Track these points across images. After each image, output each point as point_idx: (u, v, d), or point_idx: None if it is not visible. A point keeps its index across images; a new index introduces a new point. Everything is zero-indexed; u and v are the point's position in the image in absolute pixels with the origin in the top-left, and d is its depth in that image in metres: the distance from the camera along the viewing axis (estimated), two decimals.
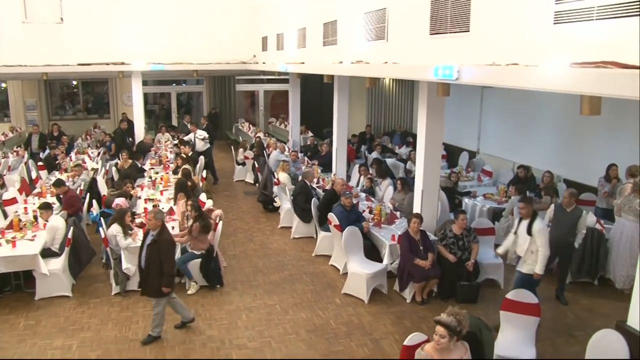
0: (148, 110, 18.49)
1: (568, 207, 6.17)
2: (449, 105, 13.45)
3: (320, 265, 7.30)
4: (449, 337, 3.53)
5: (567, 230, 6.13)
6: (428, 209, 6.95)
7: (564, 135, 9.74)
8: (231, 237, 8.43)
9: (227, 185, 12.11)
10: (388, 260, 6.52)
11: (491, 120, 12.09)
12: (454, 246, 6.30)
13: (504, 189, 8.84)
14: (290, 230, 8.59)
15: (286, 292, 6.45)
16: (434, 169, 6.93)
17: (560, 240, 6.14)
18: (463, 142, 13.06)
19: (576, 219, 6.13)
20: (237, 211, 9.94)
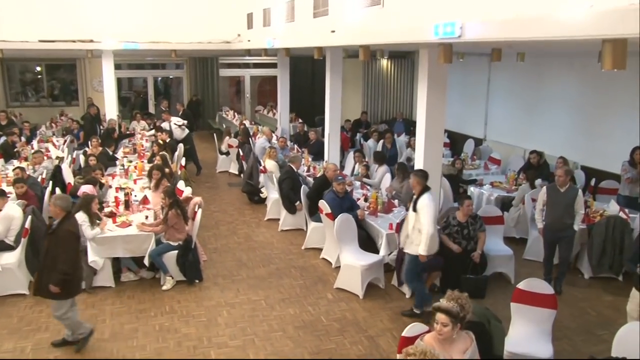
0: (122, 98, 18.26)
1: (562, 187, 6.09)
2: (452, 90, 13.69)
3: (310, 258, 7.25)
4: (452, 325, 3.40)
5: (563, 212, 6.07)
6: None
7: (580, 116, 9.67)
8: (212, 229, 8.36)
9: (209, 176, 12.03)
10: (385, 252, 6.43)
11: (499, 104, 12.04)
12: (458, 235, 6.19)
13: (513, 175, 8.78)
14: (278, 222, 8.53)
15: (272, 287, 6.37)
16: (435, 150, 6.84)
17: (557, 224, 6.10)
18: (468, 129, 13.01)
19: (572, 199, 6.06)
20: (219, 203, 9.88)
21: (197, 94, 17.55)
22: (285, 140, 11.20)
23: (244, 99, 19.32)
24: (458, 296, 3.50)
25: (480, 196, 8.47)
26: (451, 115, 13.41)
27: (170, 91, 19.20)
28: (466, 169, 9.87)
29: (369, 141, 12.02)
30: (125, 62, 17.22)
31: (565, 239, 6.15)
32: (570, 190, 6.09)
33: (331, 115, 10.20)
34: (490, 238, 6.56)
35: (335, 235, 6.32)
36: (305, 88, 18.21)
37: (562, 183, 6.09)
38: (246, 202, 9.90)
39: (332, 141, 10.30)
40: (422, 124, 6.75)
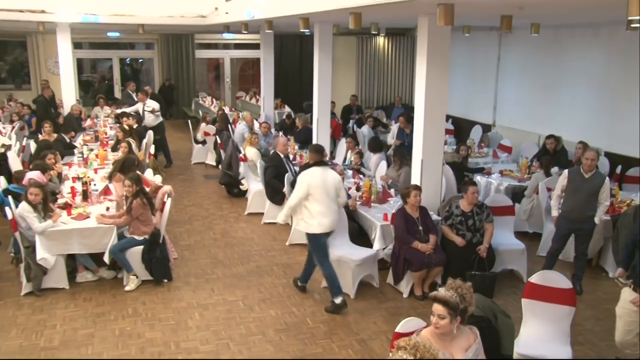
0: (83, 82, 18.04)
1: (587, 172, 5.99)
2: (457, 70, 13.70)
3: (295, 255, 7.21)
4: (450, 318, 3.31)
5: (585, 201, 5.98)
6: (430, 183, 6.82)
7: (604, 96, 9.62)
8: (185, 225, 8.33)
9: (184, 168, 12.00)
10: (379, 245, 6.38)
11: (510, 85, 12.01)
12: (462, 226, 6.14)
13: (526, 163, 8.76)
14: (259, 217, 8.53)
15: (252, 286, 6.32)
16: (436, 135, 6.81)
17: (576, 214, 6.02)
18: (475, 115, 13.00)
19: (597, 187, 5.95)
20: (194, 196, 9.86)
21: (170, 78, 17.41)
22: (268, 126, 11.11)
23: (224, 84, 19.24)
24: (459, 285, 3.41)
25: (488, 186, 8.44)
26: (456, 100, 13.44)
27: (140, 76, 19.03)
28: (472, 157, 9.83)
29: (362, 128, 11.97)
30: (86, 40, 16.96)
31: (583, 231, 6.08)
32: (596, 176, 5.99)
33: (320, 99, 10.17)
34: (499, 230, 6.52)
35: None
36: (292, 72, 18.16)
37: (588, 168, 5.97)
38: (224, 195, 9.85)
39: (321, 128, 10.27)
40: (421, 105, 6.73)
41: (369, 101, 16.82)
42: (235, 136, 11.05)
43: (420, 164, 6.78)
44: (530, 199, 7.74)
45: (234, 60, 19.20)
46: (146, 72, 18.88)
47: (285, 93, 17.54)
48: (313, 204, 5.69)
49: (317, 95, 10.16)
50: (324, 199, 5.71)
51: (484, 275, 5.95)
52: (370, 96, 16.95)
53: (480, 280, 5.91)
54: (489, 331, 3.87)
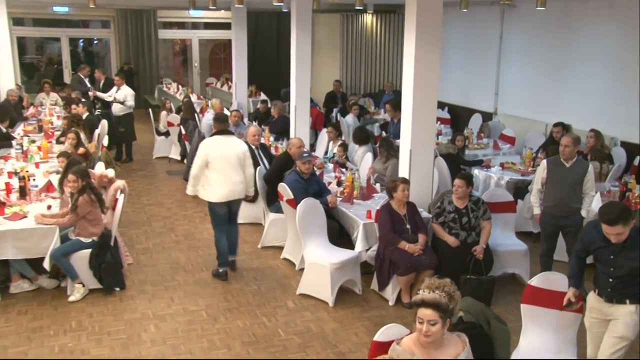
0: (26, 65, 17.75)
1: (568, 161, 6.04)
2: (453, 52, 13.73)
3: (268, 258, 7.24)
4: (442, 322, 3.29)
5: (568, 193, 6.02)
6: (419, 177, 6.83)
7: (621, 78, 9.62)
8: (143, 226, 8.31)
9: (144, 163, 11.94)
10: (362, 247, 6.37)
11: (514, 67, 12.06)
12: (455, 224, 6.14)
13: (530, 154, 8.80)
14: None
15: (217, 294, 6.30)
16: (426, 118, 6.81)
17: (561, 208, 6.05)
18: (474, 102, 13.05)
19: (580, 176, 6.00)
20: (155, 194, 9.83)
21: (130, 61, 17.25)
22: (240, 115, 11.04)
23: (192, 69, 19.15)
24: (441, 283, 3.40)
25: (487, 180, 8.46)
26: (453, 86, 13.49)
27: (95, 59, 18.82)
28: (470, 149, 9.87)
29: (347, 117, 11.97)
30: (28, 15, 16.61)
31: (570, 228, 6.07)
32: (578, 164, 6.05)
33: (298, 84, 10.17)
34: (498, 229, 6.55)
35: (298, 225, 6.21)
36: (269, 54, 18.14)
37: (567, 155, 6.01)
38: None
39: (299, 116, 10.27)
40: (409, 89, 6.73)
41: (354, 87, 16.81)
42: (203, 126, 11.00)
43: (409, 155, 6.78)
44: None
45: (203, 42, 19.11)
46: (102, 51, 18.66)
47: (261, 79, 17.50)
48: (211, 173, 6.34)
49: (294, 79, 10.15)
50: (222, 169, 6.34)
51: (480, 279, 5.96)
52: (356, 82, 16.93)
53: (476, 285, 5.94)
54: (481, 338, 3.87)
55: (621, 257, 4.15)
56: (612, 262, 4.20)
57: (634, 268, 4.12)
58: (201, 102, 14.16)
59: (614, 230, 4.05)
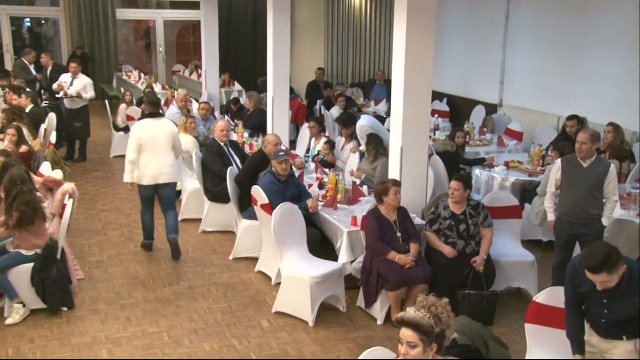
0: None
1: (585, 160, 6.04)
2: (453, 35, 13.75)
3: (240, 271, 7.26)
4: (423, 346, 3.31)
5: (586, 196, 6.01)
6: (411, 178, 6.88)
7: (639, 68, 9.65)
8: (98, 235, 8.32)
9: (99, 163, 11.93)
10: (347, 258, 6.40)
11: (522, 52, 12.12)
12: (451, 232, 6.19)
13: (539, 152, 8.87)
14: (196, 223, 8.56)
15: (182, 313, 6.31)
16: (420, 111, 6.84)
17: (577, 214, 6.06)
18: (477, 92, 13.13)
19: (600, 178, 6.00)
20: (112, 198, 9.85)
21: (83, 45, 17.17)
22: (208, 107, 11.03)
23: (157, 54, 19.11)
24: (432, 303, 3.42)
25: (489, 182, 8.54)
26: (452, 73, 13.58)
27: (42, 41, 18.69)
28: (471, 146, 9.94)
29: (332, 110, 12.02)
30: None
31: (588, 237, 6.04)
32: (597, 164, 6.04)
33: (276, 72, 10.23)
34: (501, 237, 6.59)
35: (273, 233, 6.22)
36: (244, 38, 18.15)
37: (584, 154, 6.00)
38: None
39: (277, 109, 10.33)
40: (399, 78, 6.77)
41: (341, 76, 16.87)
42: None
43: (400, 153, 6.81)
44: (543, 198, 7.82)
45: (169, 23, 19.08)
46: (50, 33, 18.51)
47: (235, 66, 17.54)
48: (142, 155, 7.18)
49: (271, 67, 10.19)
50: (152, 151, 7.20)
51: (481, 295, 6.01)
52: (343, 70, 16.98)
53: (476, 301, 6.00)
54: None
55: (616, 301, 4.11)
56: (606, 306, 4.17)
57: (631, 313, 4.08)
58: (166, 92, 14.14)
59: (598, 278, 4.00)
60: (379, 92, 14.38)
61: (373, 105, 13.78)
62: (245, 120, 11.32)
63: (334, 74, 16.70)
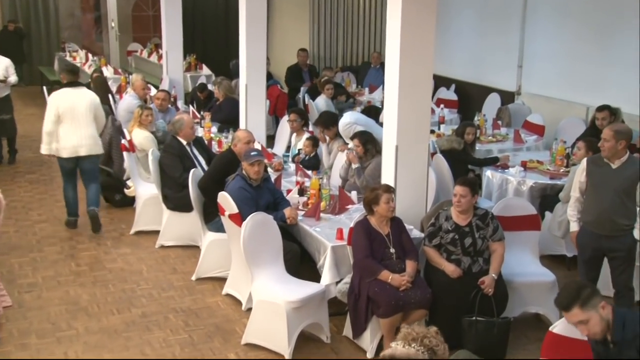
0: None
1: (613, 160, 6.06)
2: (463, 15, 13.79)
3: (205, 295, 7.27)
4: None
5: (614, 204, 6.03)
6: (409, 182, 6.92)
7: None
8: (31, 252, 8.30)
9: (36, 163, 11.90)
10: (331, 278, 6.40)
11: (543, 32, 12.18)
12: (455, 248, 6.22)
13: (563, 149, 8.92)
14: (153, 237, 8.58)
15: (132, 346, 6.31)
16: (419, 100, 6.85)
17: (604, 225, 6.10)
18: (491, 78, 13.20)
19: (630, 182, 6.00)
20: (50, 207, 9.85)
21: (17, 19, 17.14)
22: (166, 97, 10.99)
23: (108, 31, 19.07)
24: (421, 333, 3.42)
25: (503, 185, 8.58)
26: (462, 56, 13.67)
27: None
28: (482, 143, 10.00)
29: (318, 99, 12.07)
30: None
31: (617, 252, 6.12)
32: (627, 165, 6.05)
33: (250, 54, 10.24)
34: (515, 253, 6.63)
35: (243, 250, 6.24)
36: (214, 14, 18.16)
37: (608, 153, 6.01)
38: (100, 203, 9.59)
39: (252, 99, 10.34)
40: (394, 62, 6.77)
41: (329, 59, 16.91)
42: (119, 112, 11.04)
43: (395, 153, 6.84)
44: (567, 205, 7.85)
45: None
46: None
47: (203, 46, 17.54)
48: (61, 127, 8.02)
49: (244, 49, 10.19)
50: (71, 122, 8.05)
51: (490, 322, 6.05)
52: (331, 52, 17.04)
53: (485, 330, 6.04)
54: None
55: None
56: None
57: None
58: (119, 77, 14.13)
59: (572, 318, 4.12)
60: (375, 78, 14.43)
61: (367, 94, 13.84)
62: (214, 112, 11.35)
63: (321, 56, 16.78)
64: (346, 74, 15.14)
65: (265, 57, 10.61)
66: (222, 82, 11.96)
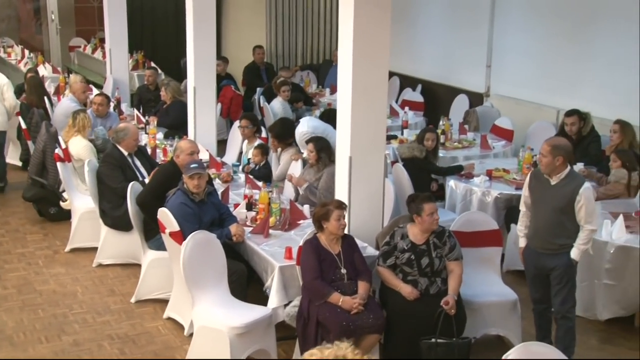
0: None
1: (552, 176, 6.08)
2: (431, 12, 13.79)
3: (145, 319, 7.22)
4: None
5: (550, 221, 6.09)
6: (364, 196, 6.92)
7: None
8: None
9: None
10: (279, 301, 6.38)
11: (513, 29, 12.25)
12: (411, 268, 6.24)
13: (530, 157, 8.99)
14: (91, 254, 8.54)
15: None
16: (374, 104, 6.86)
17: (541, 241, 6.18)
18: (460, 78, 13.22)
19: (567, 199, 6.00)
20: None
21: None
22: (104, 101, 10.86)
23: (48, 24, 18.92)
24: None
25: (467, 196, 8.65)
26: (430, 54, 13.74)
27: None
28: (448, 148, 10.07)
29: (274, 102, 12.04)
30: None
31: (553, 271, 6.15)
32: (567, 181, 6.03)
33: (198, 53, 10.21)
34: (478, 271, 6.68)
35: (183, 272, 6.23)
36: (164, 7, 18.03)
37: (545, 168, 6.04)
38: (33, 218, 9.82)
39: (201, 102, 10.31)
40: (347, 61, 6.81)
41: (288, 57, 16.89)
42: (56, 117, 10.91)
43: (348, 165, 6.83)
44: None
45: None
46: None
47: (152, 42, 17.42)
48: None
49: (192, 47, 10.16)
50: None
51: (450, 344, 6.07)
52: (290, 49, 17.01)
53: (445, 353, 6.05)
54: None
55: None
56: None
57: None
58: (58, 77, 13.98)
59: None
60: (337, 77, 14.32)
61: (328, 94, 13.83)
62: (161, 117, 11.25)
63: (279, 54, 16.76)
64: (306, 73, 15.12)
65: (215, 56, 10.53)
66: (169, 83, 11.88)
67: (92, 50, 17.24)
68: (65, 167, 9.08)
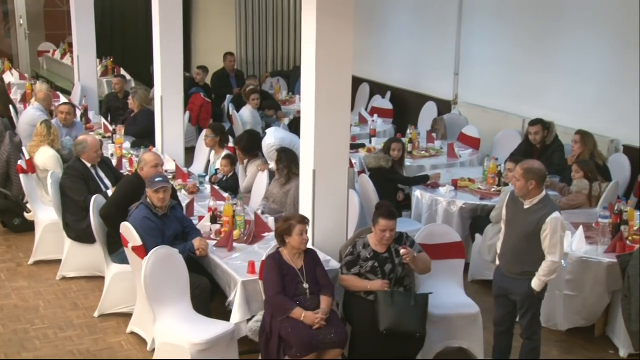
0: None
1: (525, 199, 5.99)
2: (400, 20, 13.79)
3: (107, 334, 7.19)
4: None
5: (517, 245, 6.08)
6: (327, 209, 6.94)
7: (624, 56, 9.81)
8: None
9: None
10: (241, 316, 6.39)
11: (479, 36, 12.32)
12: (375, 275, 6.29)
13: (495, 166, 9.02)
14: (54, 267, 8.48)
15: None
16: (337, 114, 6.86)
17: (507, 264, 6.17)
18: (428, 85, 13.27)
19: (535, 226, 5.91)
20: None
21: None
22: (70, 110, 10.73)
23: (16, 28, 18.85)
24: None
25: (432, 206, 8.68)
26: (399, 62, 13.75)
27: None
28: (415, 157, 10.11)
29: (243, 110, 12.04)
30: None
31: (514, 296, 6.14)
32: (538, 207, 5.95)
33: (165, 60, 10.16)
34: (440, 284, 6.68)
35: (144, 287, 6.22)
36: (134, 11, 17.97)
37: (519, 191, 5.97)
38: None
39: (168, 110, 10.25)
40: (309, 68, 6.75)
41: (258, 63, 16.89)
42: (20, 126, 10.86)
43: (312, 177, 6.84)
44: (498, 226, 7.93)
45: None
46: None
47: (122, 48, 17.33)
48: None
49: (158, 53, 10.11)
50: None
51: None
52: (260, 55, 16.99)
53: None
54: None
55: None
56: None
57: None
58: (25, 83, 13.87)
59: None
60: None
61: (298, 101, 13.80)
62: (128, 125, 11.15)
63: (249, 61, 16.75)
64: (276, 80, 15.10)
65: (182, 63, 10.43)
66: (137, 91, 11.80)
67: (61, 55, 17.12)
68: (28, 179, 9.02)
